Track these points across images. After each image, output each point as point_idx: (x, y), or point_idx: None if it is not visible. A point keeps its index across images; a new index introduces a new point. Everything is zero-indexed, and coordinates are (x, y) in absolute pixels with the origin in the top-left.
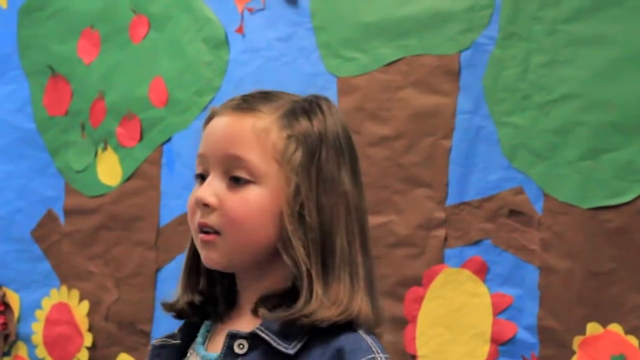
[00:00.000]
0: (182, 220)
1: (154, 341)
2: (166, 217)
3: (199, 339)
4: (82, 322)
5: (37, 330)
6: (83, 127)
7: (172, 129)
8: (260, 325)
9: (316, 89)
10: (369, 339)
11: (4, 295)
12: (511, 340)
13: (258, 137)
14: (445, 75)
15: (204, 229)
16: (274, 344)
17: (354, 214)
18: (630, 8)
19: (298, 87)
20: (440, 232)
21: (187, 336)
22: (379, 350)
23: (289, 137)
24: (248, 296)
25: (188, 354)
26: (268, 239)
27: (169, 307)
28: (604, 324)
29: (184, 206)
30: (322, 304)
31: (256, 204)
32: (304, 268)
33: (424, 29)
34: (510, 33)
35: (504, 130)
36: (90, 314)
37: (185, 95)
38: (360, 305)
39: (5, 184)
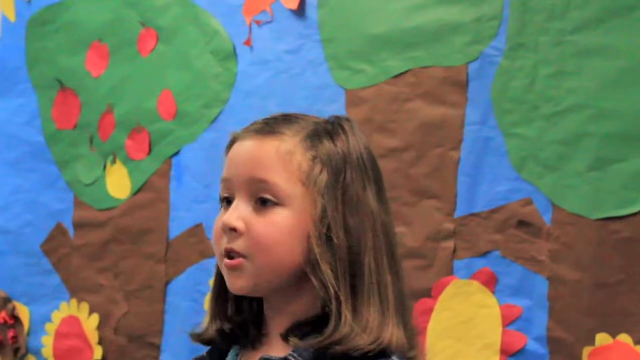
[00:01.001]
0: (192, 233)
1: None
2: (175, 230)
3: None
4: (92, 336)
5: (47, 343)
6: (92, 141)
7: (181, 141)
8: (293, 351)
9: (324, 101)
10: None
11: (14, 309)
12: (521, 352)
13: (283, 160)
14: (453, 86)
15: (231, 255)
16: None
17: (382, 233)
18: (636, 19)
19: (306, 100)
20: (450, 244)
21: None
22: None
23: (314, 158)
24: (277, 322)
25: None
26: (295, 262)
27: (197, 337)
28: (614, 334)
29: (193, 219)
30: (352, 330)
31: (283, 226)
32: (332, 291)
33: (431, 40)
34: (518, 44)
35: (512, 142)
36: (100, 327)
37: (193, 108)
38: (392, 331)
39: (15, 198)
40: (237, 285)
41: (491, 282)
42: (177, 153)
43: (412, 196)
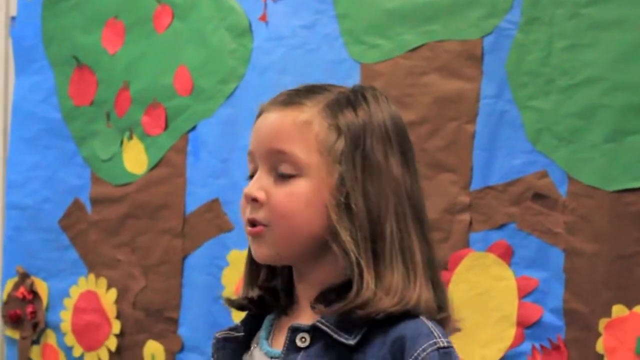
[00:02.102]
0: (208, 207)
1: (217, 334)
2: (192, 204)
3: (263, 333)
4: (110, 310)
5: (66, 318)
6: (108, 117)
7: (197, 117)
8: (321, 317)
9: (340, 76)
10: (429, 324)
11: (32, 284)
12: (537, 323)
13: (300, 129)
14: (468, 60)
15: (252, 224)
16: (335, 336)
17: (406, 200)
18: None
19: (322, 74)
20: (465, 217)
21: (250, 329)
22: (440, 335)
23: (330, 126)
24: (305, 290)
25: (252, 347)
26: (316, 230)
27: (229, 302)
28: (630, 306)
29: (209, 194)
30: (375, 294)
31: (302, 196)
32: (353, 257)
33: (446, 14)
34: (533, 18)
35: (527, 115)
36: (118, 301)
37: (209, 83)
38: (419, 293)
39: (32, 174)
40: (259, 252)
41: (507, 255)
42: (193, 128)
43: (427, 169)
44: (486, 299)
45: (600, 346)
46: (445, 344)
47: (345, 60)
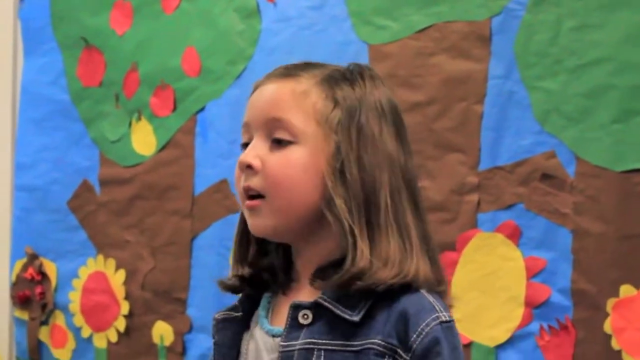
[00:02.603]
0: (217, 188)
1: (216, 315)
2: (201, 185)
3: (262, 312)
4: (119, 291)
5: (74, 299)
6: (117, 98)
7: (206, 98)
8: (322, 294)
9: (348, 57)
10: (430, 298)
11: (41, 265)
12: (545, 303)
13: (297, 99)
14: (476, 41)
15: (249, 193)
16: (338, 312)
17: (400, 175)
18: None
19: (330, 55)
20: (473, 197)
21: (248, 308)
22: (442, 309)
23: (328, 97)
24: (304, 267)
25: (251, 327)
26: (311, 199)
27: (222, 284)
28: (638, 285)
29: (218, 175)
30: (371, 264)
31: (298, 163)
32: (347, 225)
33: None
34: None
35: (535, 95)
36: (126, 282)
37: (218, 64)
38: (417, 265)
39: (41, 155)
40: (256, 225)
41: (515, 235)
42: (201, 109)
43: (436, 150)
44: (494, 279)
45: (608, 326)
46: (447, 318)
47: (353, 42)
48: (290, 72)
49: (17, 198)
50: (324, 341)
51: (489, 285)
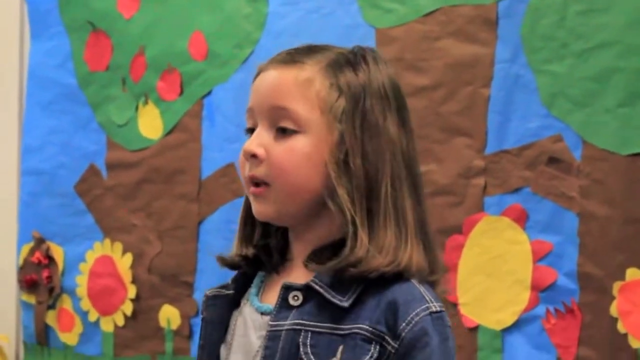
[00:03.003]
0: (224, 172)
1: (207, 291)
2: (207, 169)
3: (253, 289)
4: (126, 275)
5: (81, 283)
6: (124, 82)
7: (212, 82)
8: (314, 277)
9: (355, 41)
10: (421, 288)
11: (48, 249)
12: (551, 287)
13: (301, 87)
14: (483, 24)
15: (254, 181)
16: (328, 297)
17: (402, 161)
18: None
19: (337, 39)
20: (480, 181)
21: (241, 286)
22: (432, 299)
23: (332, 85)
24: (300, 248)
25: (241, 304)
26: (315, 187)
27: (222, 260)
28: None
29: (225, 158)
30: (368, 252)
31: (302, 152)
32: (348, 215)
33: None
34: None
35: (542, 79)
36: (133, 266)
37: (224, 48)
38: (411, 253)
39: (48, 139)
40: (260, 210)
41: (521, 218)
42: (208, 93)
43: (442, 134)
44: (500, 262)
45: (614, 309)
46: (438, 309)
47: (360, 25)
48: (293, 58)
49: (24, 182)
50: (312, 323)
51: (495, 268)
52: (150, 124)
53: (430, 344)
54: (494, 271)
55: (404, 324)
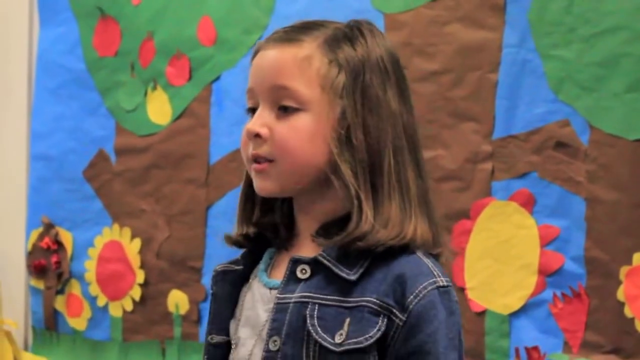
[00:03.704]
0: (232, 157)
1: (217, 267)
2: (216, 154)
3: (262, 265)
4: (134, 260)
5: (90, 268)
6: (133, 67)
7: (221, 67)
8: (322, 251)
9: None
10: (429, 262)
11: (57, 234)
12: (558, 271)
13: (301, 65)
14: (491, 9)
15: (255, 159)
16: (336, 270)
17: (403, 134)
18: None
19: None
20: (488, 165)
21: (250, 262)
22: (440, 274)
23: (331, 62)
24: (306, 223)
25: (250, 280)
26: (318, 164)
27: (229, 239)
28: None
29: (233, 144)
30: (373, 226)
31: (304, 130)
32: (353, 190)
33: None
34: None
35: (550, 64)
36: (142, 251)
37: (233, 33)
38: (416, 226)
39: (57, 124)
40: (263, 186)
41: (529, 203)
42: (217, 78)
43: (450, 119)
44: (508, 247)
45: (621, 294)
46: (445, 283)
47: (369, 10)
48: (290, 36)
49: (33, 167)
50: (319, 295)
51: (502, 253)
52: (159, 110)
53: (437, 317)
54: (502, 256)
55: (411, 297)
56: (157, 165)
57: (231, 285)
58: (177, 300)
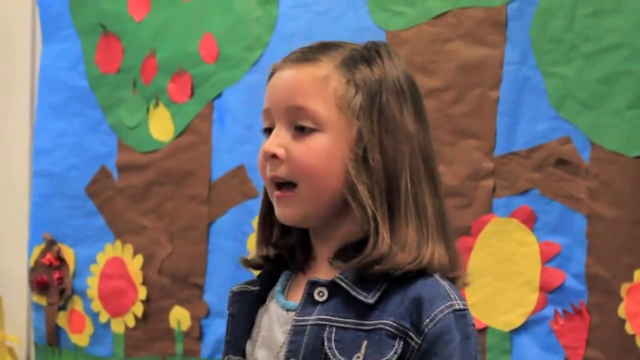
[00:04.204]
0: (234, 174)
1: (234, 288)
2: (218, 171)
3: (278, 287)
4: (136, 276)
5: (92, 284)
6: (135, 84)
7: (223, 84)
8: (340, 274)
9: None
10: (446, 285)
11: (59, 251)
12: (559, 288)
13: (318, 85)
14: (492, 27)
15: (276, 182)
16: (353, 293)
17: (420, 155)
18: None
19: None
20: (489, 182)
21: (267, 284)
22: (456, 297)
23: (349, 82)
24: (324, 248)
25: (267, 301)
26: (336, 185)
27: (245, 262)
28: None
29: (235, 160)
30: (390, 249)
31: (321, 150)
32: (370, 212)
33: None
34: None
35: (551, 81)
36: (144, 267)
37: (235, 50)
38: (433, 250)
39: (60, 141)
40: (286, 216)
41: (530, 220)
42: (219, 95)
43: (451, 135)
44: (509, 264)
45: (622, 311)
46: (461, 306)
47: (370, 28)
48: (308, 56)
49: (36, 184)
50: (337, 318)
51: (504, 270)
52: (161, 126)
53: (452, 341)
54: (503, 272)
55: (427, 320)
56: (159, 182)
57: (247, 306)
58: (179, 317)
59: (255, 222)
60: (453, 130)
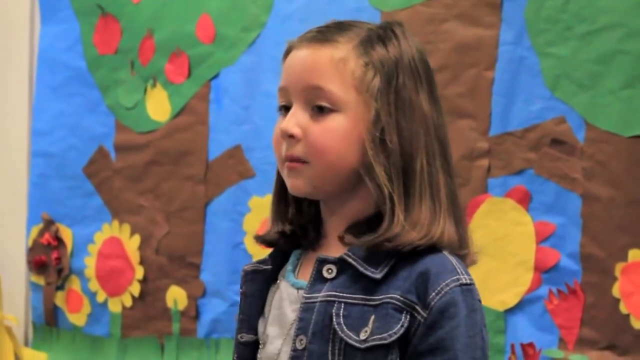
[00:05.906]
0: (231, 154)
1: (245, 266)
2: (215, 151)
3: (289, 266)
4: (134, 256)
5: (90, 264)
6: (132, 65)
7: (220, 64)
8: (348, 250)
9: None
10: (453, 260)
11: (57, 231)
12: (554, 268)
13: (337, 66)
14: (487, 7)
15: (291, 159)
16: (361, 269)
17: (434, 135)
18: None
19: None
20: (484, 162)
21: (278, 262)
22: (463, 272)
23: (366, 64)
24: (334, 224)
25: (278, 281)
26: (351, 165)
27: (260, 239)
28: None
29: (232, 141)
30: (404, 228)
31: (339, 131)
32: (386, 192)
33: None
34: None
35: (546, 61)
36: (141, 247)
37: (232, 31)
38: (443, 227)
39: (58, 122)
40: (296, 185)
41: (525, 200)
42: (216, 76)
43: (447, 116)
44: (504, 243)
45: (616, 290)
46: (468, 281)
47: (366, 8)
48: (326, 36)
49: (34, 164)
50: (345, 294)
51: (499, 249)
52: (159, 107)
53: (458, 314)
54: (498, 252)
55: (433, 294)
56: (157, 162)
57: (259, 285)
58: (176, 296)
59: (251, 202)
60: (448, 111)
